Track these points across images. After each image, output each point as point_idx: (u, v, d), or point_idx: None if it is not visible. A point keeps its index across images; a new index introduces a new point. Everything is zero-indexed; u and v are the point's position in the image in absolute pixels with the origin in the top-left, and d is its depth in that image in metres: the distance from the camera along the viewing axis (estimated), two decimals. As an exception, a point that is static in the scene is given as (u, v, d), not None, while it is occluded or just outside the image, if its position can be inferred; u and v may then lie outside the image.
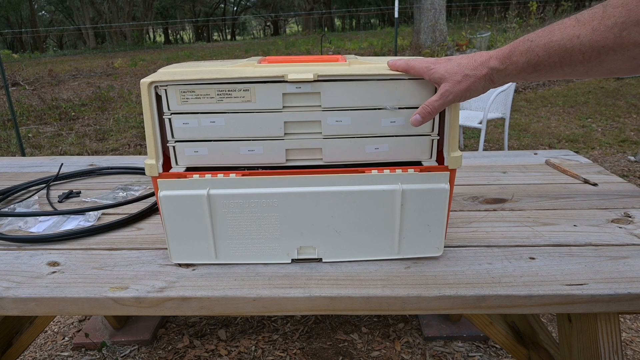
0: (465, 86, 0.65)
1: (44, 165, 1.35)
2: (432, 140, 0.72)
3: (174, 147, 0.72)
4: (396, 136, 0.71)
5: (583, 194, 1.03)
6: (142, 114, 0.83)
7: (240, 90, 0.68)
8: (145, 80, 0.68)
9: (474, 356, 1.42)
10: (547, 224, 0.88)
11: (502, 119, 3.23)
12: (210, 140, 0.71)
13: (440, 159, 0.73)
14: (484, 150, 3.34)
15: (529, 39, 0.62)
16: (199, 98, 0.68)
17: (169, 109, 0.70)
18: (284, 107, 0.69)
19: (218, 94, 0.68)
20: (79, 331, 1.59)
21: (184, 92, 0.68)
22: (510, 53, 0.63)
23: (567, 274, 0.71)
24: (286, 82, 0.68)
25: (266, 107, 0.69)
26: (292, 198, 0.71)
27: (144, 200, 1.03)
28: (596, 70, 0.59)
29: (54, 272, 0.75)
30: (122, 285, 0.70)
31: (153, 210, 0.98)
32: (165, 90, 0.68)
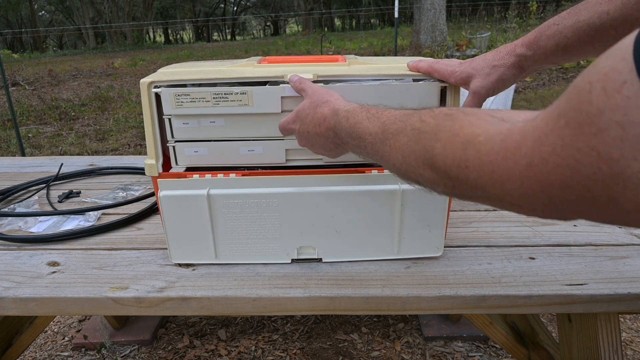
0: (496, 77, 0.64)
1: (44, 165, 1.35)
2: (432, 140, 0.72)
3: (173, 147, 0.72)
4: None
5: (583, 194, 1.02)
6: (142, 114, 0.83)
7: (238, 93, 0.67)
8: (145, 80, 0.68)
9: (474, 356, 1.42)
10: (547, 224, 0.88)
11: (502, 119, 3.23)
12: (210, 141, 0.71)
13: (440, 159, 0.73)
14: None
15: (554, 22, 0.61)
16: (194, 102, 0.68)
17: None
18: (282, 110, 0.68)
19: (214, 98, 0.67)
20: (79, 331, 1.59)
21: (178, 95, 0.67)
22: (537, 39, 0.62)
23: (567, 273, 0.71)
24: (286, 82, 0.68)
25: (264, 110, 0.68)
26: (292, 198, 0.71)
27: (144, 200, 1.03)
28: None
29: (54, 272, 0.75)
30: (122, 285, 0.70)
31: (153, 210, 0.98)
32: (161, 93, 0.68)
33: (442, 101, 0.70)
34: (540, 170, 0.29)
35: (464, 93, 0.66)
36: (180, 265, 0.76)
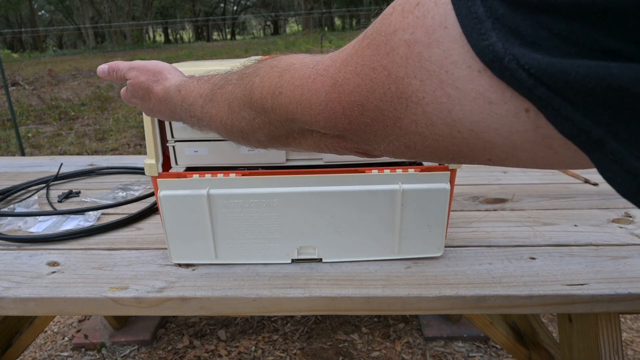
0: None
1: (44, 165, 1.34)
2: (433, 140, 0.72)
3: (173, 147, 0.72)
4: (396, 136, 0.71)
5: (584, 194, 1.02)
6: (141, 113, 0.82)
7: None
8: (145, 80, 0.67)
9: (475, 356, 1.42)
10: (548, 224, 0.88)
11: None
12: (210, 140, 0.71)
13: (440, 158, 0.73)
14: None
15: None
16: None
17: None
18: None
19: None
20: (78, 331, 1.59)
21: None
22: None
23: (568, 274, 0.71)
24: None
25: None
26: (292, 198, 0.71)
27: (143, 200, 1.03)
28: None
29: (53, 272, 0.74)
30: (121, 285, 0.70)
31: (153, 210, 0.98)
32: None
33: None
34: (343, 90, 0.31)
35: None
36: (180, 265, 0.76)
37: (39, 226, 0.92)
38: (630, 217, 0.90)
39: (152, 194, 1.04)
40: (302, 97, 0.34)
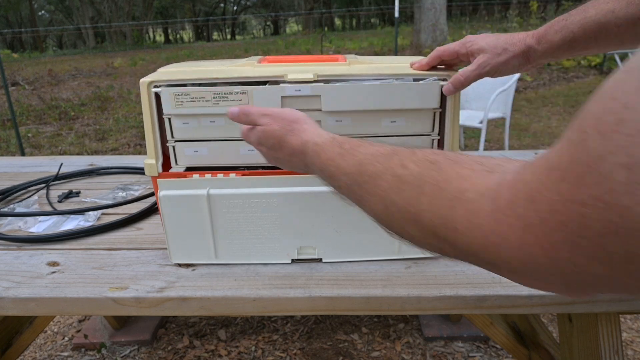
0: (504, 59, 0.65)
1: (44, 165, 1.34)
2: (433, 140, 0.72)
3: (173, 147, 0.72)
4: (396, 136, 0.71)
5: (583, 194, 1.02)
6: (141, 113, 0.83)
7: (237, 93, 0.67)
8: (144, 80, 0.68)
9: (475, 356, 1.42)
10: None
11: (503, 119, 3.23)
12: (210, 140, 0.71)
13: (440, 158, 0.72)
14: (485, 150, 3.33)
15: (563, 18, 0.63)
16: (194, 101, 0.68)
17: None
18: None
19: (214, 97, 0.67)
20: (78, 331, 1.59)
21: (178, 95, 0.67)
22: (546, 32, 0.64)
23: (568, 274, 0.71)
24: (286, 82, 0.67)
25: None
26: (292, 198, 0.71)
27: (143, 200, 1.03)
28: (631, 41, 0.60)
29: (53, 272, 0.74)
30: (121, 285, 0.70)
31: (153, 210, 0.98)
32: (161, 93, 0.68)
33: (442, 101, 0.70)
34: (541, 231, 0.27)
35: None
36: (180, 265, 0.76)
37: (39, 226, 0.92)
38: (630, 217, 0.90)
39: (152, 194, 1.04)
40: (487, 240, 0.30)
